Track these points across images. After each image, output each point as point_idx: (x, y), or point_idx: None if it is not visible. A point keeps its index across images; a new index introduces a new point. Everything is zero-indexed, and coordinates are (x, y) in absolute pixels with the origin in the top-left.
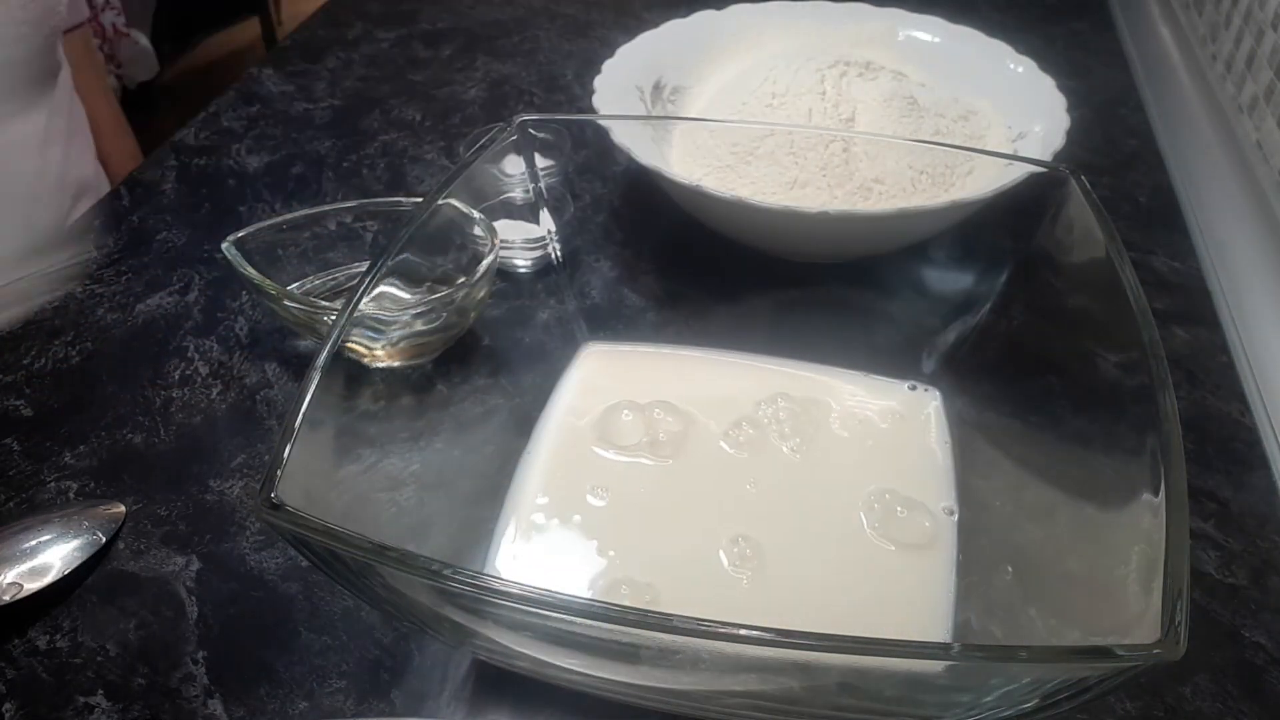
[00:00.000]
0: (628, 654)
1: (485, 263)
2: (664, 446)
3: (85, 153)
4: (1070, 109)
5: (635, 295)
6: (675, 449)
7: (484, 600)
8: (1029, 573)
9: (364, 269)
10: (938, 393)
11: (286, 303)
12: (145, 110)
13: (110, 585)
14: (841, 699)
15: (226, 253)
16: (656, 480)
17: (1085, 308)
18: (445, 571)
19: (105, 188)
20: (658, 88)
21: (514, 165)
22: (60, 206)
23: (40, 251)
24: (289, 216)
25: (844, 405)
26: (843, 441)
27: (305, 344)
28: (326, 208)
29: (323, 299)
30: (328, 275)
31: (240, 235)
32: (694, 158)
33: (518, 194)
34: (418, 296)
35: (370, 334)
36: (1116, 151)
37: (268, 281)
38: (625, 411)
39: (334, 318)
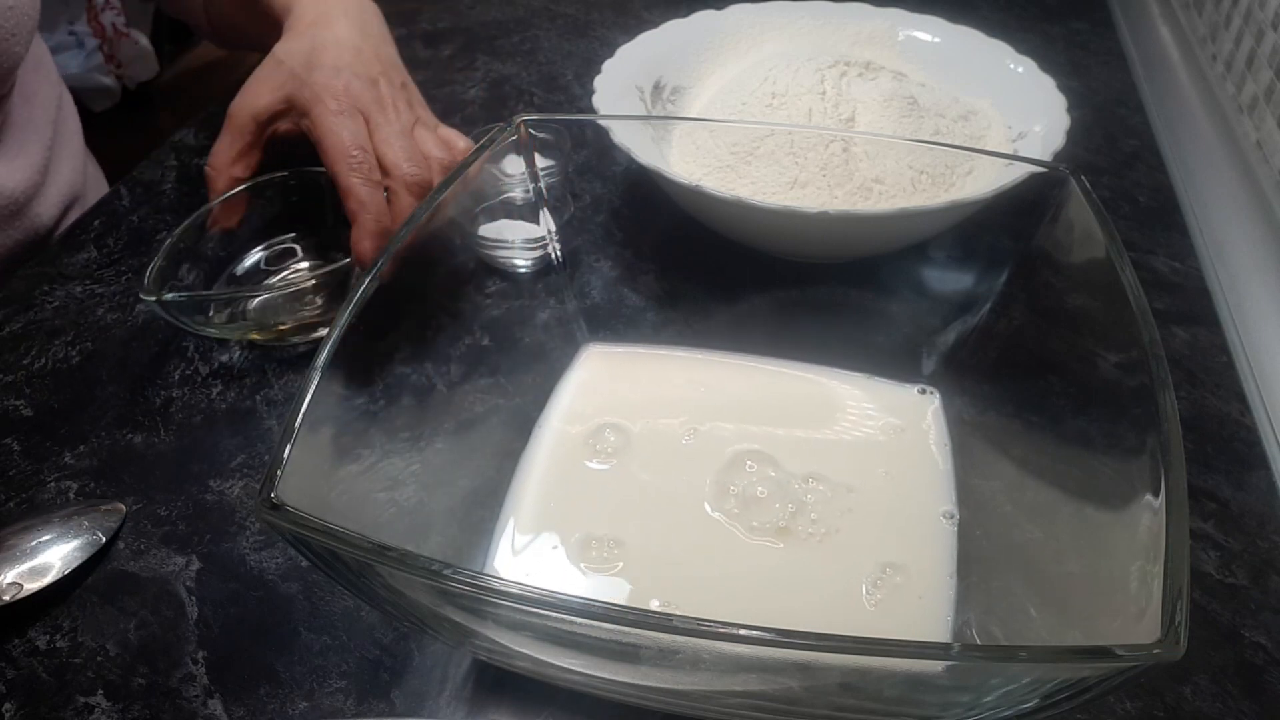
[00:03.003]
0: (628, 654)
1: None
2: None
3: (72, 164)
4: (1070, 109)
5: (635, 295)
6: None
7: (484, 600)
8: (1029, 573)
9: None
10: (938, 394)
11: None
12: (145, 110)
13: (110, 585)
14: (842, 699)
15: (156, 309)
16: (656, 481)
17: (1085, 308)
18: (445, 571)
19: (94, 196)
20: (658, 88)
21: (514, 165)
22: (42, 218)
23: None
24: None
25: (844, 408)
26: (843, 445)
27: (305, 345)
28: (205, 208)
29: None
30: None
31: (165, 296)
32: (694, 158)
33: (518, 194)
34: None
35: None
36: (1116, 151)
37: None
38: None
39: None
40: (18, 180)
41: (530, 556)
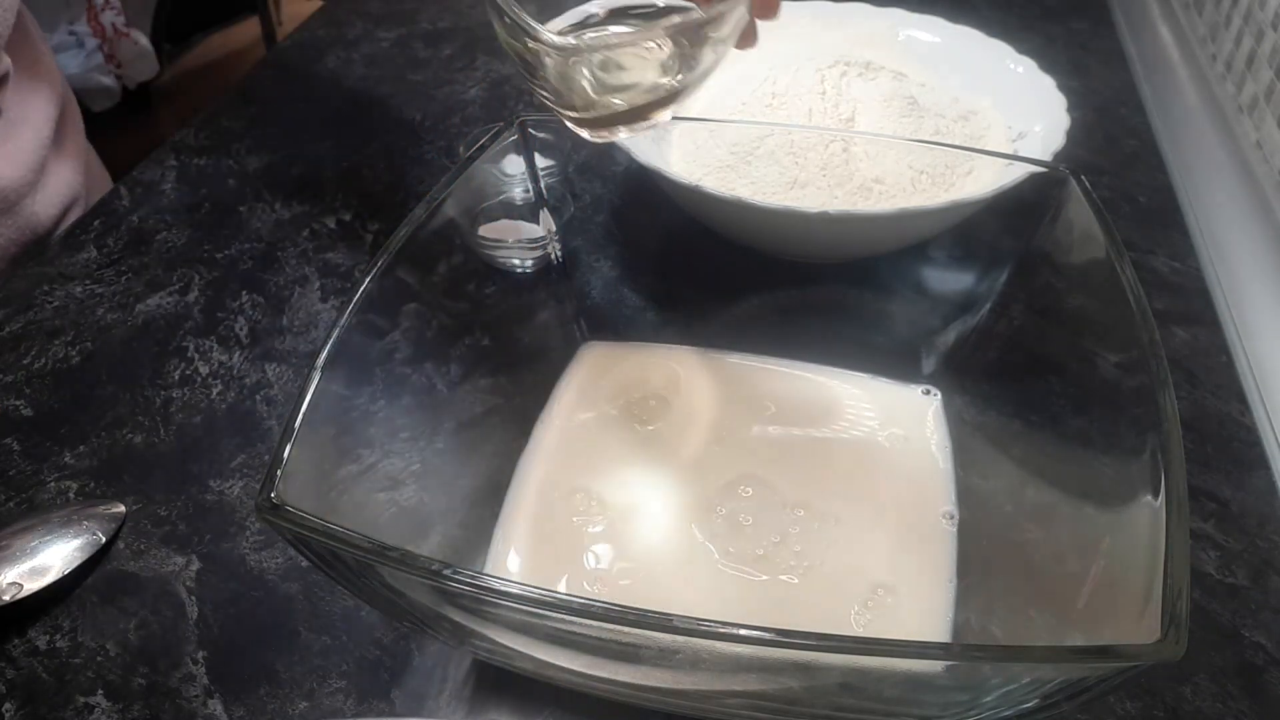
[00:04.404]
0: (628, 654)
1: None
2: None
3: (72, 164)
4: (1070, 109)
5: (635, 295)
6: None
7: (484, 600)
8: (1029, 573)
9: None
10: (938, 394)
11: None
12: (145, 110)
13: (110, 585)
14: (842, 699)
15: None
16: (657, 481)
17: (1085, 308)
18: (445, 571)
19: (93, 197)
20: None
21: (514, 165)
22: (39, 217)
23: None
24: None
25: (845, 410)
26: (844, 449)
27: (307, 345)
28: None
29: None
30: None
31: None
32: (694, 158)
33: (518, 194)
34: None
35: (596, 74)
36: (1116, 151)
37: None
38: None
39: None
40: (10, 176)
41: (531, 557)
